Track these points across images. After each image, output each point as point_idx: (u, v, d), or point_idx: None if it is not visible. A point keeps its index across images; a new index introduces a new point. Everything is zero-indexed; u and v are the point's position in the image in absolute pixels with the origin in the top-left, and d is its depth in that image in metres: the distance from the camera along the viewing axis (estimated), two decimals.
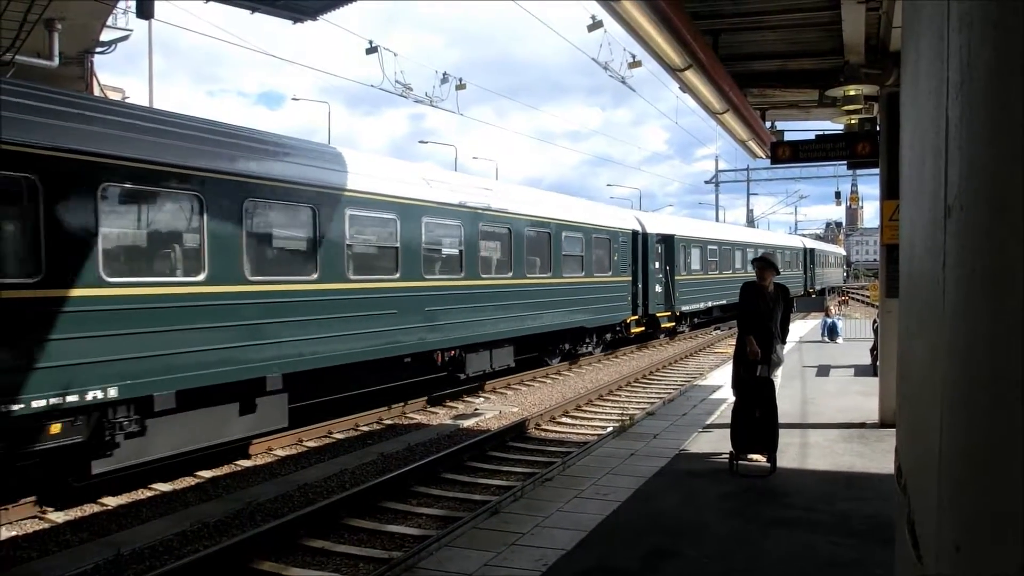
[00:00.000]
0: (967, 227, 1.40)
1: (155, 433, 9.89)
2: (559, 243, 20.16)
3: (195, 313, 10.17)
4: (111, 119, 9.48)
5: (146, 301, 9.57)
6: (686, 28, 8.65)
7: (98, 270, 9.01)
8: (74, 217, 8.73)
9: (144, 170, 9.54)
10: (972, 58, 1.38)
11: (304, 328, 11.79)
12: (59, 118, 8.80)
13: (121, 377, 9.20)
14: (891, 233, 10.44)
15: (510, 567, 6.06)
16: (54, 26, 12.79)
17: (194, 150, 10.27)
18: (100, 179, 9.03)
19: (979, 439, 1.30)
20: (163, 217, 10.30)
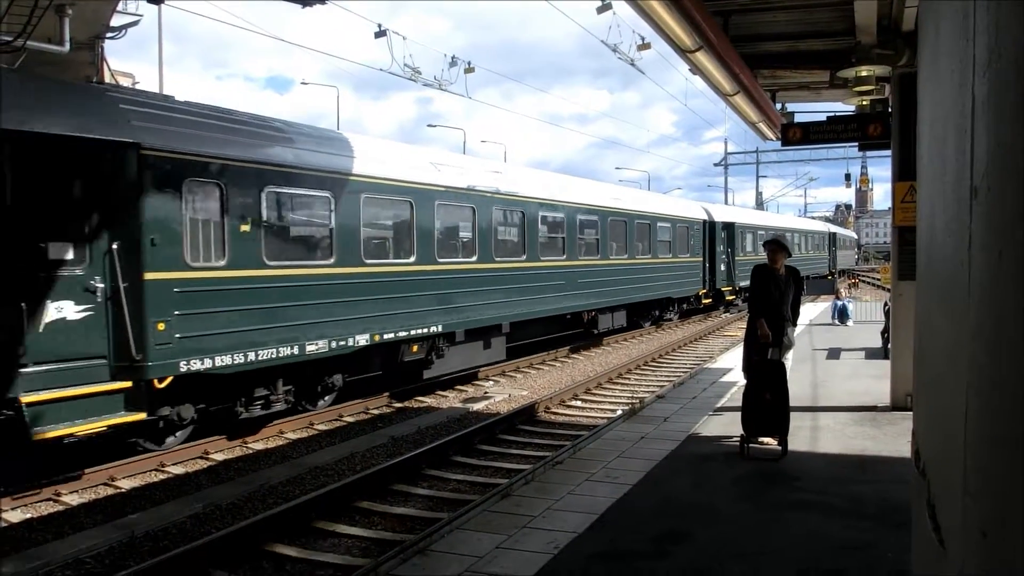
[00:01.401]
0: (994, 208, 1.38)
1: (451, 356, 15.56)
2: (655, 231, 26.06)
3: (470, 281, 15.88)
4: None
5: (454, 274, 15.43)
6: (696, 9, 8.59)
7: (434, 253, 14.81)
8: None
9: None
10: (1000, 36, 1.35)
11: (521, 293, 17.67)
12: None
13: (440, 319, 14.79)
14: (903, 215, 10.38)
15: (521, 550, 6.07)
16: (65, 11, 12.74)
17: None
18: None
19: (1007, 424, 1.28)
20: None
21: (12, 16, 10.82)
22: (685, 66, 11.02)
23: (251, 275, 11.00)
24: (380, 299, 13.31)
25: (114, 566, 7.17)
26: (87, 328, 9.25)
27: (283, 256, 11.57)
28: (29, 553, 7.55)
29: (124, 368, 9.46)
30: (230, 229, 10.71)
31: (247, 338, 10.88)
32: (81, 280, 9.23)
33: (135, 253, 9.54)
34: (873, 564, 5.67)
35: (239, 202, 10.86)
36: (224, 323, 10.58)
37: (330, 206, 12.38)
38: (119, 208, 9.53)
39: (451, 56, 23.74)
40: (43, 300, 8.86)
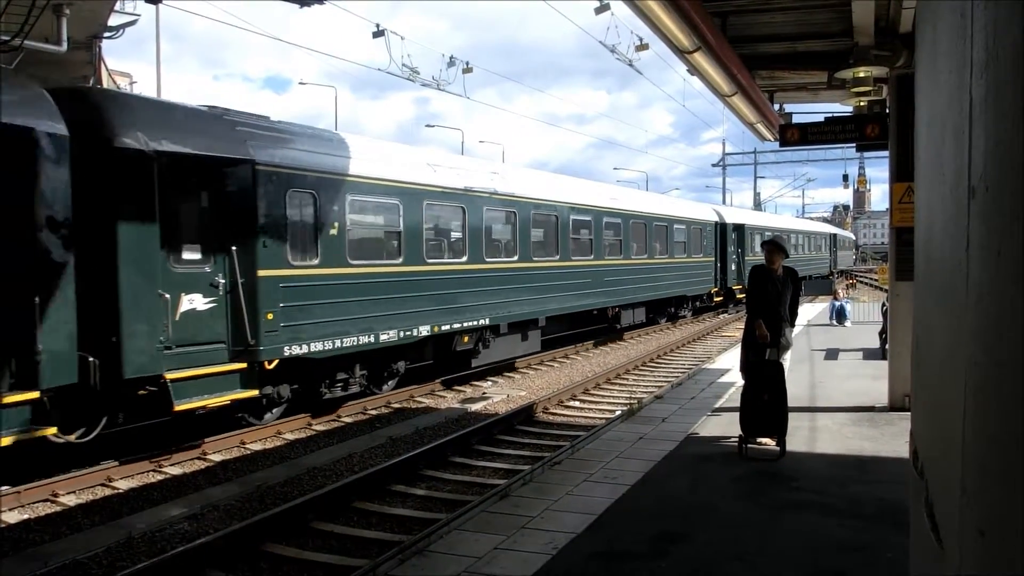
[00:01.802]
0: (993, 208, 1.38)
1: (495, 347, 17.43)
2: (672, 233, 27.72)
3: (511, 279, 17.53)
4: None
5: (499, 272, 17.09)
6: (695, 9, 8.60)
7: (482, 253, 16.61)
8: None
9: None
10: (999, 36, 1.35)
11: (554, 291, 19.40)
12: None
13: (489, 313, 16.58)
14: (901, 216, 10.40)
15: (520, 550, 6.07)
16: (62, 11, 12.75)
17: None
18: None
19: (1006, 423, 1.28)
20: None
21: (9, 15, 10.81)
22: (683, 67, 11.03)
23: (338, 272, 12.76)
24: (438, 294, 15.16)
25: (112, 567, 7.16)
26: (212, 317, 10.85)
27: (362, 256, 13.40)
28: (27, 553, 7.55)
29: (240, 352, 11.10)
30: (322, 232, 12.46)
31: (335, 328, 12.63)
32: (207, 276, 10.83)
33: (250, 253, 11.21)
34: (871, 564, 5.67)
35: (329, 209, 12.57)
36: (317, 314, 12.29)
37: (398, 212, 14.22)
38: (237, 215, 11.12)
39: (449, 56, 23.76)
40: (180, 293, 10.41)
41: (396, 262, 14.10)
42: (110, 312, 9.65)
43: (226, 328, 10.99)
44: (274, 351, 11.50)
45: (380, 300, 13.54)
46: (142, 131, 9.99)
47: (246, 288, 11.05)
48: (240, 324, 11.02)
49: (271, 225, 11.52)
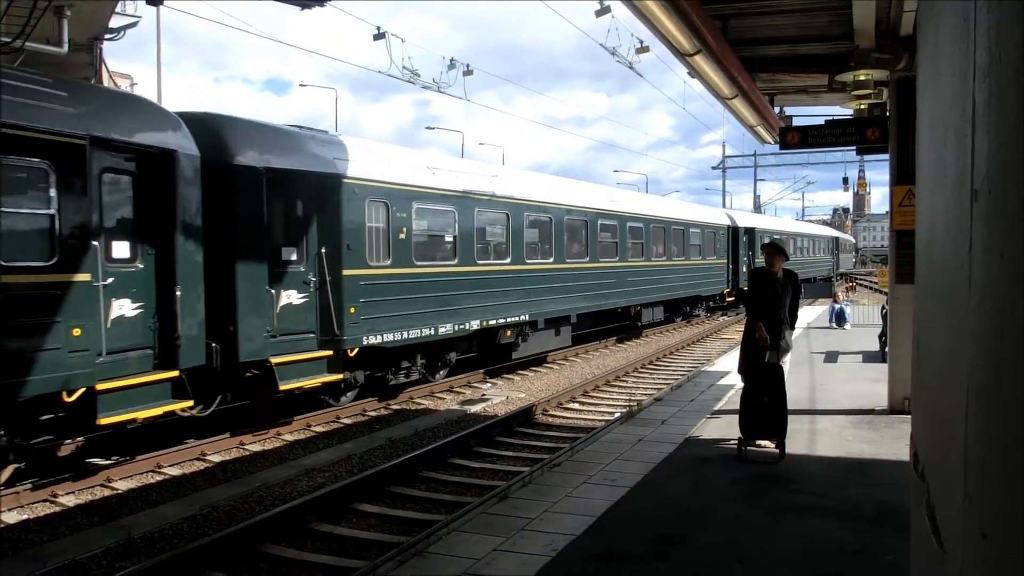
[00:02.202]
0: (996, 210, 1.38)
1: (532, 340, 18.91)
2: (688, 236, 29.41)
3: (548, 279, 19.22)
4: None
5: (537, 273, 18.78)
6: (696, 13, 8.60)
7: (523, 255, 18.34)
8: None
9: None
10: (1002, 39, 1.35)
11: (584, 290, 21.11)
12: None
13: (528, 310, 18.18)
14: (901, 219, 10.41)
15: (519, 552, 6.07)
16: (63, 12, 12.75)
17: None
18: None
19: (1008, 426, 1.28)
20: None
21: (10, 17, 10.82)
22: (683, 69, 11.04)
23: (406, 272, 14.56)
24: (486, 292, 16.87)
25: (111, 567, 7.16)
26: (304, 311, 12.47)
27: (425, 257, 15.22)
28: (26, 554, 7.55)
29: (327, 341, 12.71)
30: (393, 236, 14.17)
31: (403, 321, 14.34)
32: (301, 275, 12.45)
33: (337, 255, 12.84)
34: (871, 567, 5.67)
35: (398, 215, 14.30)
36: (389, 309, 13.98)
37: (454, 218, 15.95)
38: (325, 222, 12.75)
39: (449, 58, 23.77)
40: (280, 290, 12.05)
41: (452, 263, 15.94)
42: (228, 305, 11.24)
43: (316, 320, 12.66)
44: (355, 340, 13.20)
45: (439, 297, 15.36)
46: (254, 151, 11.76)
47: (333, 285, 12.74)
48: (327, 317, 12.69)
49: (353, 230, 13.24)
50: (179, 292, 10.22)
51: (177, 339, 10.18)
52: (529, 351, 19.09)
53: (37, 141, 8.51)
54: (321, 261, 12.60)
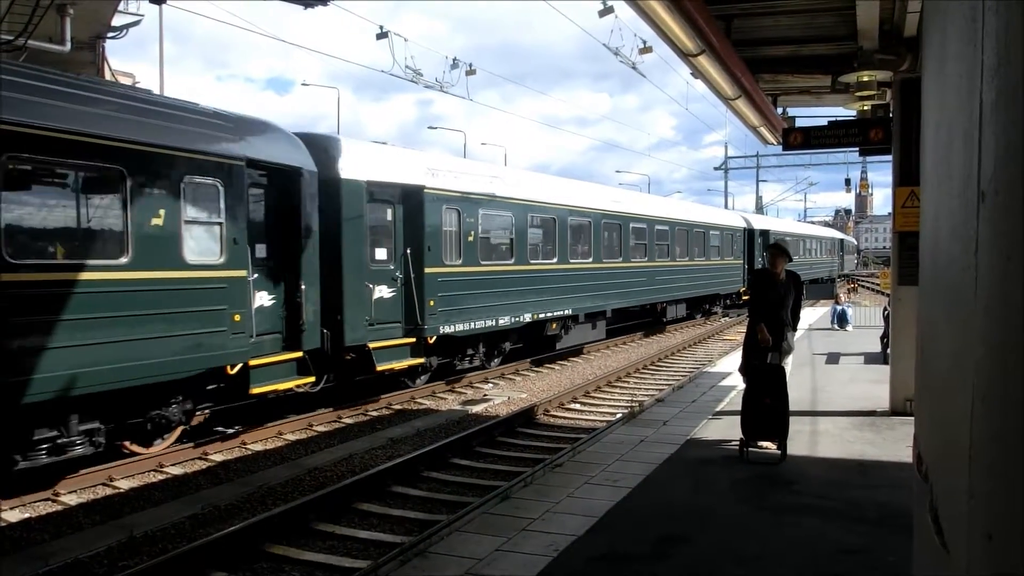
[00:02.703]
0: (1003, 212, 1.38)
1: (573, 333, 20.96)
2: (709, 238, 31.56)
3: (587, 277, 21.33)
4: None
5: (579, 271, 20.82)
6: (699, 13, 8.59)
7: (568, 255, 20.48)
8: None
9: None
10: (1011, 40, 1.35)
11: (618, 287, 23.15)
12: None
13: (571, 305, 20.28)
14: (904, 220, 10.40)
15: (521, 552, 6.07)
16: (66, 11, 12.77)
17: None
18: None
19: (1013, 427, 1.28)
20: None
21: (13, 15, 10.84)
22: (685, 69, 11.03)
23: (474, 270, 16.68)
24: (537, 289, 18.86)
25: (113, 567, 7.16)
26: (393, 303, 14.61)
27: (488, 257, 17.29)
28: (28, 553, 7.55)
29: (411, 329, 14.82)
30: (463, 239, 16.25)
31: (471, 313, 16.44)
32: (391, 272, 14.65)
33: (419, 255, 14.97)
34: (873, 568, 5.67)
35: (467, 220, 16.39)
36: (460, 302, 16.05)
37: (511, 222, 18.08)
38: (410, 226, 14.98)
39: (452, 58, 23.76)
40: (374, 285, 14.17)
41: (509, 262, 17.97)
42: (336, 297, 13.14)
43: (401, 311, 14.75)
44: (434, 330, 15.28)
45: (499, 292, 17.43)
46: (356, 166, 13.80)
47: (416, 282, 14.82)
48: (411, 309, 14.78)
49: (432, 234, 15.30)
50: (303, 286, 12.27)
51: (301, 326, 12.25)
52: (570, 342, 21.14)
53: (213, 163, 10.60)
54: (406, 260, 14.79)
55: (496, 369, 18.36)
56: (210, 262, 10.58)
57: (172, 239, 10.02)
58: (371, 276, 14.06)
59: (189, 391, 10.73)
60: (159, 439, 10.81)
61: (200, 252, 10.46)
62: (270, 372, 11.73)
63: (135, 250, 9.50)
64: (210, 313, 10.51)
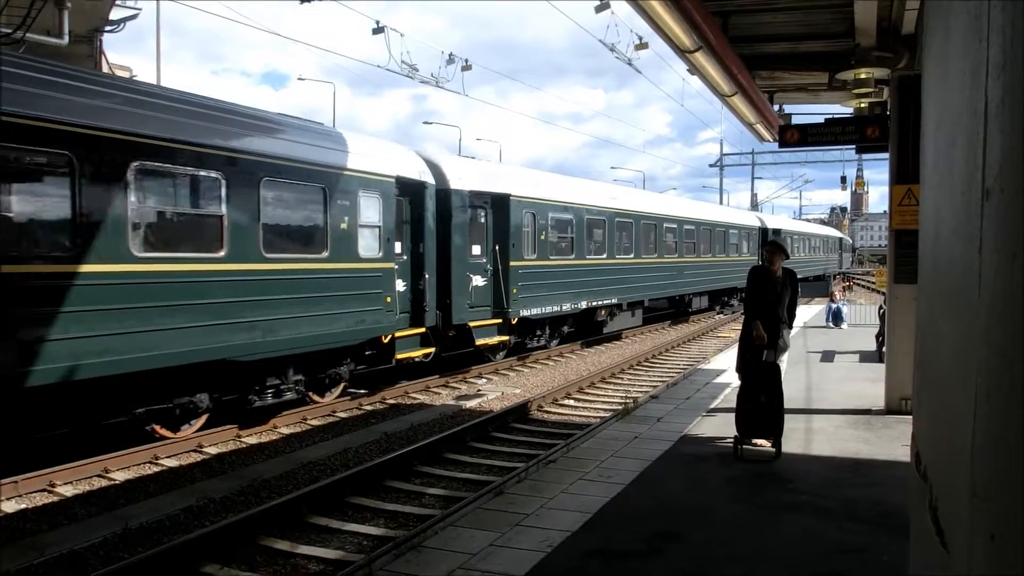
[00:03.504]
0: (1008, 210, 1.37)
1: (617, 319, 24.11)
2: (728, 236, 35.04)
3: (629, 270, 24.33)
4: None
5: (623, 265, 24.00)
6: (696, 9, 8.59)
7: (615, 252, 23.66)
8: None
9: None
10: (1016, 37, 1.34)
11: (653, 280, 26.18)
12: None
13: (617, 294, 23.36)
14: (901, 218, 10.40)
15: (514, 547, 6.06)
16: (64, 4, 12.74)
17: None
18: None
19: (1018, 427, 1.27)
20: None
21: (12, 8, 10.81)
22: (681, 66, 11.03)
23: (544, 264, 19.69)
24: (591, 280, 21.97)
25: (108, 558, 7.15)
26: (484, 291, 17.73)
27: (554, 253, 20.26)
28: (24, 543, 7.53)
29: (498, 312, 18.00)
30: (536, 237, 19.37)
31: (541, 301, 19.48)
32: (483, 265, 17.78)
33: (505, 251, 18.12)
34: (869, 567, 5.67)
35: (540, 221, 19.52)
36: (535, 291, 19.16)
37: (572, 223, 21.12)
38: (497, 226, 18.18)
39: (448, 53, 23.72)
40: (471, 275, 17.25)
41: (571, 257, 21.03)
42: (445, 285, 16.28)
43: (491, 297, 17.91)
44: (516, 313, 18.41)
45: (563, 283, 20.45)
46: (461, 178, 16.94)
47: (503, 273, 18.02)
48: (499, 295, 17.96)
49: (516, 233, 18.39)
50: (426, 275, 15.52)
51: (424, 307, 15.47)
52: (614, 328, 24.50)
53: (376, 180, 13.91)
54: (495, 255, 18.00)
55: (490, 365, 18.42)
56: (373, 256, 13.83)
57: (352, 239, 13.25)
58: (470, 268, 17.19)
59: (354, 355, 13.96)
60: (328, 392, 13.89)
61: (367, 249, 13.67)
62: (406, 343, 15.10)
63: (331, 247, 12.76)
64: (373, 295, 13.76)
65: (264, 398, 12.13)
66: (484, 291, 17.60)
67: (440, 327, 16.03)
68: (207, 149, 10.54)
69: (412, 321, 15.27)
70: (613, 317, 23.91)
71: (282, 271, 11.77)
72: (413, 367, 16.30)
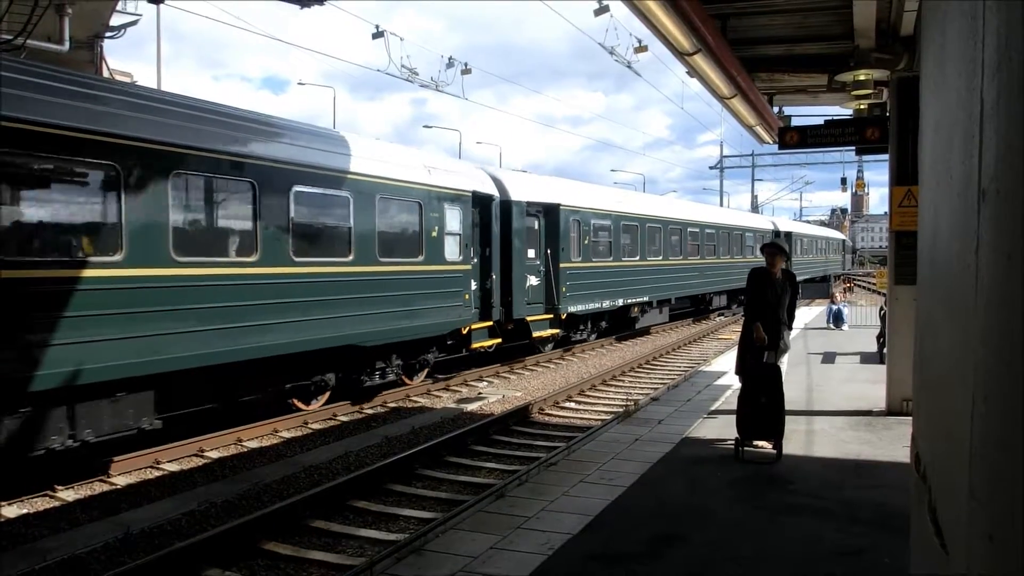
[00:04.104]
0: (1005, 211, 1.37)
1: (647, 316, 26.90)
2: (745, 239, 37.52)
3: (659, 271, 26.74)
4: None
5: (653, 266, 26.42)
6: (695, 12, 8.59)
7: (646, 254, 26.40)
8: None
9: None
10: (1012, 38, 1.34)
11: (680, 279, 28.66)
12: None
13: (648, 293, 26.03)
14: (901, 219, 10.39)
15: (515, 550, 6.06)
16: (65, 11, 12.77)
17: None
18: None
19: (1016, 428, 1.27)
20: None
21: (13, 15, 10.83)
22: (680, 68, 11.02)
23: (588, 265, 22.06)
24: (626, 280, 24.38)
25: (110, 563, 7.14)
26: (538, 289, 19.98)
27: (596, 256, 22.63)
28: (25, 548, 7.53)
29: (550, 308, 20.29)
30: (581, 241, 21.68)
31: (585, 298, 21.87)
32: (537, 267, 19.99)
33: (556, 254, 20.40)
34: (869, 569, 5.66)
35: (584, 228, 21.93)
36: (580, 289, 21.51)
37: (610, 229, 23.65)
38: (550, 233, 20.47)
39: (448, 57, 23.75)
40: (528, 276, 19.47)
41: (609, 260, 23.43)
42: (507, 284, 18.50)
43: (543, 295, 20.15)
44: (565, 309, 20.74)
45: (603, 282, 22.81)
46: (519, 191, 19.22)
47: (554, 273, 20.27)
48: (551, 293, 20.20)
49: (564, 237, 20.73)
50: (492, 276, 17.96)
51: (491, 303, 17.91)
52: (645, 323, 27.31)
53: (459, 196, 16.48)
54: (547, 257, 20.28)
55: (491, 367, 18.43)
56: (455, 260, 16.28)
57: (441, 245, 15.77)
58: (527, 269, 19.35)
59: (439, 344, 16.38)
60: (416, 375, 16.22)
61: (451, 253, 16.14)
62: (479, 334, 17.69)
63: (425, 252, 15.26)
64: (456, 293, 16.22)
65: (373, 378, 14.38)
66: (538, 289, 19.86)
67: (503, 321, 18.34)
68: (361, 176, 13.56)
69: (481, 316, 17.57)
70: (644, 314, 26.74)
71: (391, 272, 14.23)
72: (469, 358, 18.88)
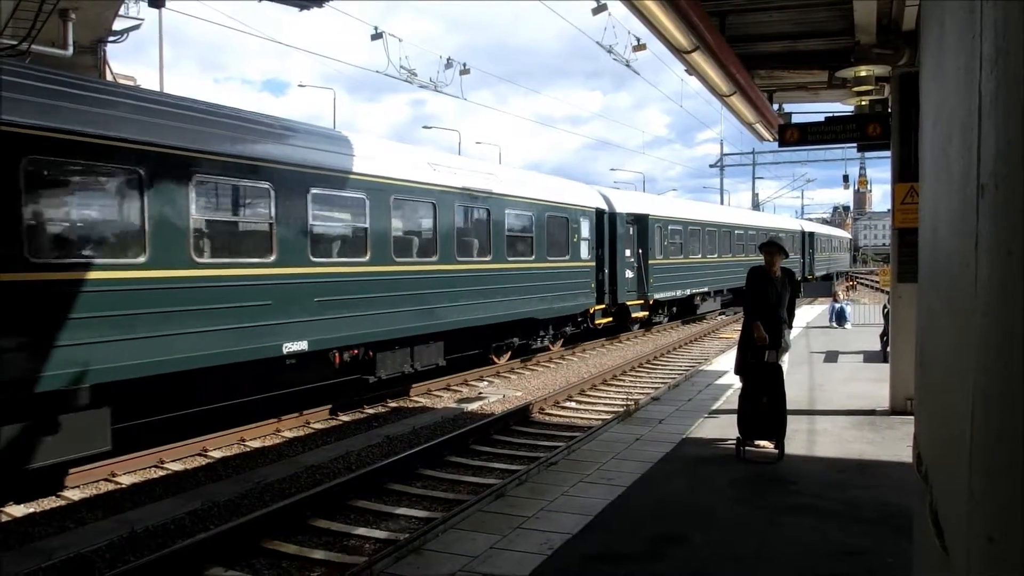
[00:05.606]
0: (1003, 206, 1.35)
1: (704, 304, 32.87)
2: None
3: (713, 267, 32.65)
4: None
5: (708, 263, 32.27)
6: (693, 9, 8.55)
7: (703, 252, 32.68)
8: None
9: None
10: (1010, 31, 1.32)
11: (698, 276, 30.87)
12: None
13: (707, 284, 32.07)
14: (903, 216, 10.35)
15: (515, 550, 6.04)
16: (68, 16, 12.79)
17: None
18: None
19: (1015, 427, 1.25)
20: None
21: (16, 20, 10.85)
22: (679, 66, 10.99)
23: (666, 262, 27.30)
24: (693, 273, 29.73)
25: (115, 561, 7.15)
26: (633, 280, 24.82)
27: (670, 254, 27.65)
28: (31, 547, 7.55)
29: (640, 295, 25.18)
30: (662, 243, 26.80)
31: (665, 288, 27.03)
32: (631, 263, 24.75)
33: (645, 253, 25.32)
34: (872, 569, 5.64)
35: (663, 232, 27.20)
36: (661, 281, 26.69)
37: (681, 232, 28.74)
38: (642, 237, 25.43)
39: (446, 58, 23.74)
40: (626, 270, 24.32)
41: (680, 258, 28.68)
42: (613, 276, 23.34)
43: (636, 285, 25.06)
44: (652, 295, 25.97)
45: (677, 275, 28.15)
46: (620, 205, 24.37)
47: (644, 268, 25.32)
48: (641, 283, 25.28)
49: (651, 240, 25.72)
50: (605, 271, 22.86)
51: (604, 292, 22.85)
52: (703, 310, 32.58)
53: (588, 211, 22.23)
54: (639, 256, 25.22)
55: (491, 368, 18.41)
56: (586, 258, 21.74)
57: (579, 247, 21.31)
58: (626, 265, 24.31)
59: (574, 321, 21.65)
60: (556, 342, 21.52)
61: (583, 253, 21.55)
62: (598, 314, 22.76)
63: (570, 252, 20.74)
64: (586, 283, 21.67)
65: (535, 343, 19.98)
66: (632, 281, 24.82)
67: (610, 304, 23.30)
68: (537, 201, 19.38)
69: (596, 300, 22.43)
70: (703, 301, 32.19)
71: (551, 267, 19.73)
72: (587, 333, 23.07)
